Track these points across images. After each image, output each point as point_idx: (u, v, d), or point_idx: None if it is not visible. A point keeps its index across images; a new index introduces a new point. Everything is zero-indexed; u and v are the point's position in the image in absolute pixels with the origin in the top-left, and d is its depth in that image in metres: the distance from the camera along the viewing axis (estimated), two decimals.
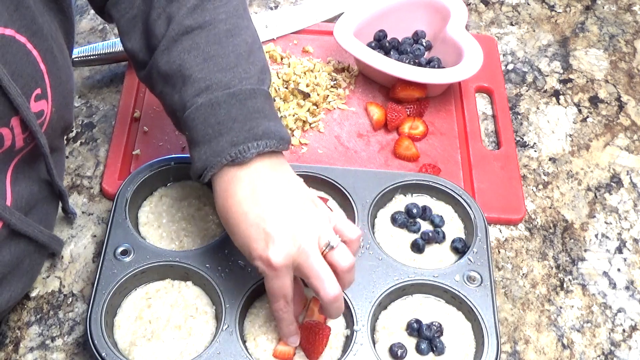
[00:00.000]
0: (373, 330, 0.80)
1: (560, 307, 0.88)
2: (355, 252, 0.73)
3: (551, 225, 0.96)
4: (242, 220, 0.70)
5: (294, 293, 0.72)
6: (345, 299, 0.80)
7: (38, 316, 0.83)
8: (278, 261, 0.68)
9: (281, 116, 1.01)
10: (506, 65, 1.16)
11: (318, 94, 1.05)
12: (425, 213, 0.89)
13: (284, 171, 0.74)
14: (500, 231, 0.94)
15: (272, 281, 0.70)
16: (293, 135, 1.00)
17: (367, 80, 1.09)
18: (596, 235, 0.95)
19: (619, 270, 0.92)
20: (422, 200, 0.91)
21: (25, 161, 0.72)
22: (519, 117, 1.08)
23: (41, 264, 0.83)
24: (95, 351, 0.74)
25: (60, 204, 0.85)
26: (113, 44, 1.06)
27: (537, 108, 1.10)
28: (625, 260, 0.93)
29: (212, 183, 0.74)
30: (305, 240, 0.69)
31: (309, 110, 1.03)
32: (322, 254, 0.70)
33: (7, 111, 0.64)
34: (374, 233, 0.87)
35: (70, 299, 0.85)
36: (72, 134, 1.01)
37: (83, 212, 0.93)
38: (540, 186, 1.00)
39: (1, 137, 0.65)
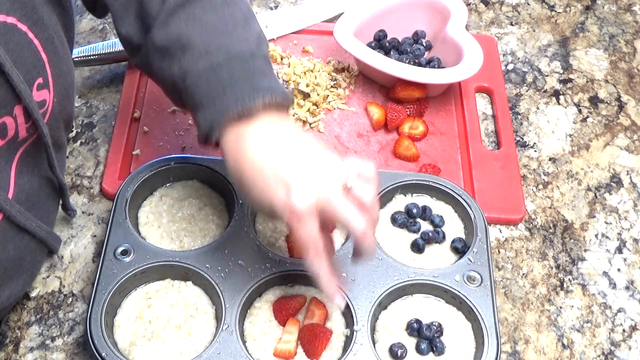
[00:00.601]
0: (373, 330, 0.80)
1: (560, 307, 0.88)
2: (375, 189, 0.72)
3: (551, 225, 0.96)
4: (258, 175, 0.69)
5: (324, 246, 0.70)
6: (345, 299, 0.80)
7: (38, 316, 0.83)
8: (302, 206, 0.67)
9: None
10: (506, 65, 1.16)
11: (318, 94, 1.05)
12: (425, 213, 0.89)
13: (291, 124, 0.74)
14: (500, 231, 0.94)
15: (300, 230, 0.68)
16: None
17: (367, 80, 1.09)
18: (596, 235, 0.95)
19: (619, 270, 0.92)
20: (422, 200, 0.91)
21: (29, 154, 0.72)
22: (519, 117, 1.08)
23: (41, 262, 0.83)
24: (95, 351, 0.74)
25: (61, 202, 0.85)
26: (113, 44, 1.06)
27: (537, 108, 1.10)
28: (625, 260, 0.93)
29: (221, 145, 0.72)
30: (324, 182, 0.68)
31: (309, 110, 1.03)
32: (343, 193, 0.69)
33: (10, 99, 0.65)
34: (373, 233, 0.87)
35: (70, 299, 0.85)
36: (72, 134, 1.01)
37: (83, 212, 0.93)
38: (540, 186, 1.00)
39: (4, 126, 0.66)
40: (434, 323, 0.79)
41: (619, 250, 0.94)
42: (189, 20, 0.75)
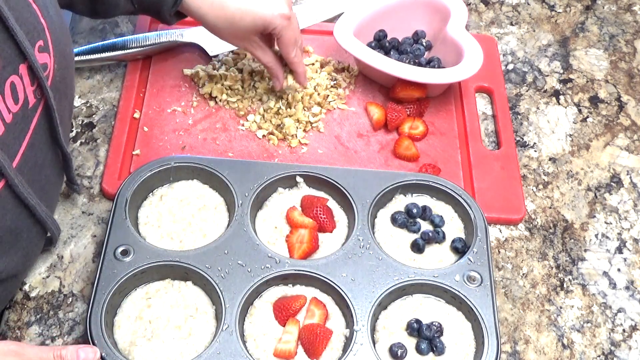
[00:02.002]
0: (373, 330, 0.80)
1: (560, 307, 0.88)
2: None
3: (551, 225, 0.96)
4: (246, 5, 0.90)
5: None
6: (345, 299, 0.80)
7: (38, 316, 0.83)
8: (289, 12, 0.92)
9: (281, 121, 1.01)
10: (506, 65, 1.16)
11: (319, 94, 1.05)
12: (425, 213, 0.89)
13: None
14: (500, 231, 0.94)
15: (289, 30, 0.93)
16: (295, 137, 1.00)
17: (367, 80, 1.09)
18: (596, 235, 0.95)
19: (619, 270, 0.92)
20: (422, 200, 0.91)
21: (41, 127, 0.74)
22: (519, 117, 1.08)
23: (39, 245, 0.83)
24: None
25: (65, 178, 0.86)
26: (113, 44, 1.06)
27: (537, 108, 1.10)
28: (625, 260, 0.93)
29: (189, 4, 0.91)
30: (289, 1, 0.93)
31: (309, 109, 1.03)
32: None
33: (15, 56, 0.66)
34: (374, 233, 0.87)
35: (70, 299, 0.85)
36: (72, 134, 1.01)
37: (83, 212, 0.93)
38: (540, 186, 1.00)
39: (14, 87, 0.67)
40: (434, 323, 0.79)
41: (619, 250, 0.94)
42: None
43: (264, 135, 1.00)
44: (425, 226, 0.89)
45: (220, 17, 0.91)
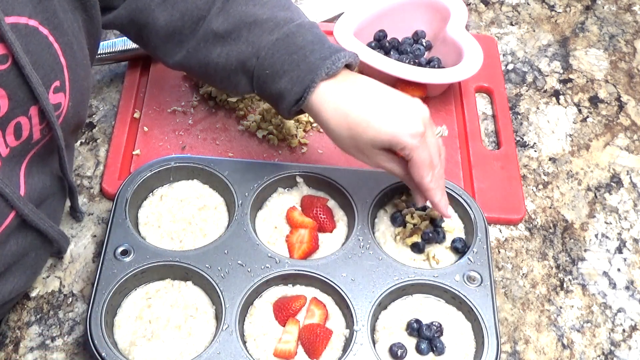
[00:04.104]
0: (373, 330, 0.80)
1: (560, 307, 0.88)
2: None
3: (551, 225, 0.96)
4: (372, 116, 0.77)
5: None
6: (345, 299, 0.80)
7: (38, 316, 0.83)
8: (422, 130, 0.77)
9: (281, 121, 1.01)
10: (506, 65, 1.16)
11: None
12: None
13: (364, 77, 0.82)
14: (500, 231, 0.94)
15: (424, 152, 0.78)
16: (295, 137, 1.00)
17: None
18: (596, 235, 0.95)
19: (619, 270, 0.92)
20: None
21: (39, 155, 0.73)
22: (519, 117, 1.08)
23: (45, 259, 0.84)
24: (95, 351, 0.74)
25: (69, 203, 0.86)
26: (113, 44, 1.06)
27: (537, 108, 1.10)
28: (625, 260, 0.93)
29: (311, 106, 0.79)
30: (425, 117, 0.79)
31: None
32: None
33: (27, 99, 0.65)
34: (374, 233, 0.87)
35: (70, 299, 0.85)
36: None
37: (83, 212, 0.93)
38: (540, 186, 1.00)
39: (19, 126, 0.66)
40: (434, 323, 0.79)
41: (619, 250, 0.94)
42: (248, 3, 0.81)
43: (264, 136, 1.00)
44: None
45: (342, 125, 0.78)
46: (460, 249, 0.86)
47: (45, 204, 0.77)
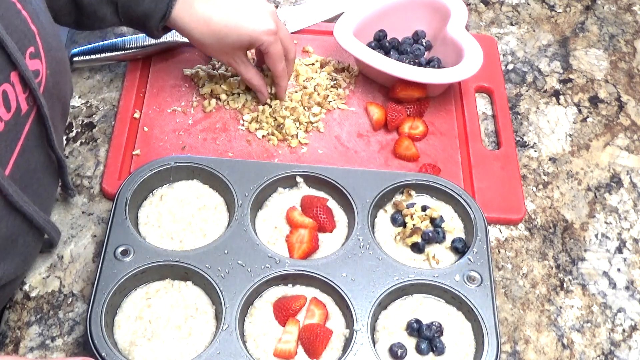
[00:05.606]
0: (373, 330, 0.80)
1: (560, 307, 0.88)
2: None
3: (551, 225, 0.96)
4: (231, 21, 0.91)
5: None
6: (345, 299, 0.80)
7: (38, 316, 0.83)
8: (275, 27, 0.92)
9: (281, 121, 1.01)
10: (506, 65, 1.16)
11: (319, 94, 1.05)
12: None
13: None
14: (500, 231, 0.94)
15: (275, 45, 0.94)
16: (295, 137, 1.00)
17: (367, 80, 1.09)
18: (596, 235, 0.95)
19: (619, 270, 0.92)
20: (422, 200, 0.91)
21: (34, 133, 0.73)
22: (519, 117, 1.08)
23: (36, 248, 0.83)
24: (95, 351, 0.74)
25: (60, 183, 0.86)
26: (113, 44, 1.06)
27: (537, 108, 1.10)
28: (625, 260, 0.93)
29: (175, 20, 0.91)
30: (274, 13, 0.94)
31: (310, 110, 1.03)
32: None
33: (5, 65, 0.66)
34: (374, 233, 0.87)
35: (70, 299, 0.85)
36: (72, 134, 1.01)
37: (83, 212, 0.93)
38: (540, 186, 1.00)
39: (6, 95, 0.67)
40: (434, 323, 0.79)
41: (619, 250, 0.94)
42: None
43: (264, 136, 1.00)
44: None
45: (205, 33, 0.92)
46: (460, 249, 0.86)
47: (31, 186, 0.76)
